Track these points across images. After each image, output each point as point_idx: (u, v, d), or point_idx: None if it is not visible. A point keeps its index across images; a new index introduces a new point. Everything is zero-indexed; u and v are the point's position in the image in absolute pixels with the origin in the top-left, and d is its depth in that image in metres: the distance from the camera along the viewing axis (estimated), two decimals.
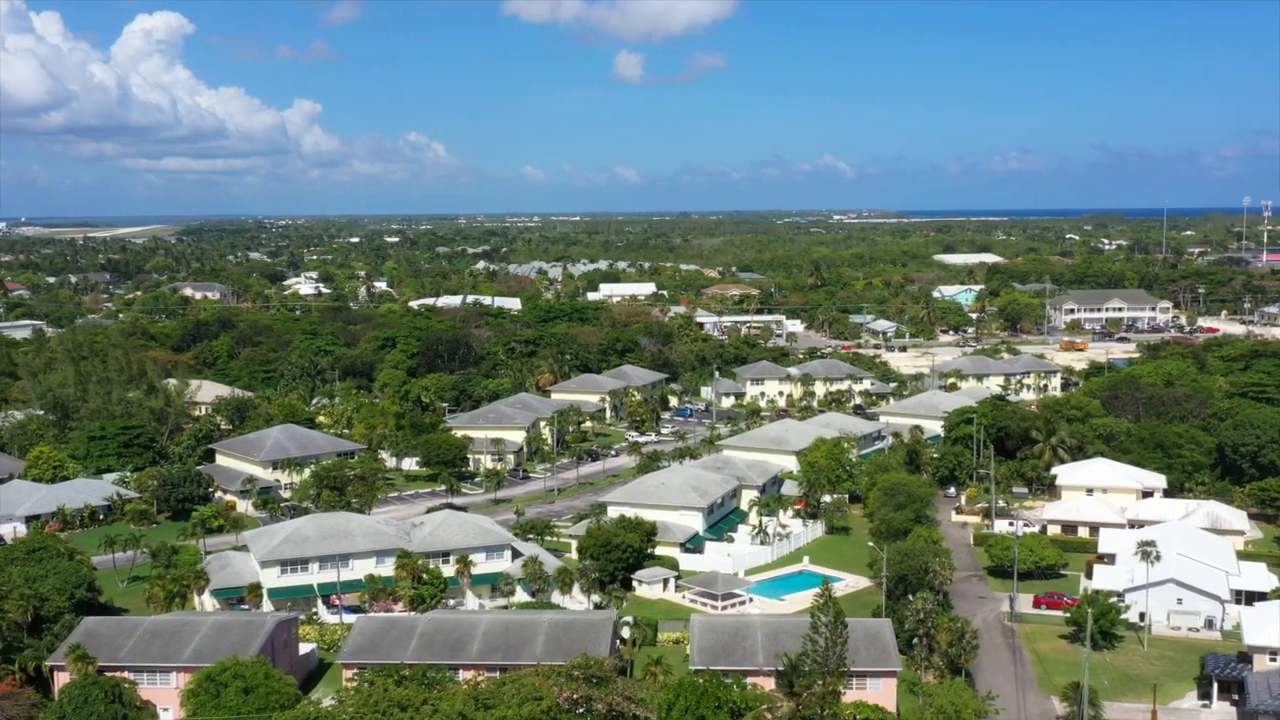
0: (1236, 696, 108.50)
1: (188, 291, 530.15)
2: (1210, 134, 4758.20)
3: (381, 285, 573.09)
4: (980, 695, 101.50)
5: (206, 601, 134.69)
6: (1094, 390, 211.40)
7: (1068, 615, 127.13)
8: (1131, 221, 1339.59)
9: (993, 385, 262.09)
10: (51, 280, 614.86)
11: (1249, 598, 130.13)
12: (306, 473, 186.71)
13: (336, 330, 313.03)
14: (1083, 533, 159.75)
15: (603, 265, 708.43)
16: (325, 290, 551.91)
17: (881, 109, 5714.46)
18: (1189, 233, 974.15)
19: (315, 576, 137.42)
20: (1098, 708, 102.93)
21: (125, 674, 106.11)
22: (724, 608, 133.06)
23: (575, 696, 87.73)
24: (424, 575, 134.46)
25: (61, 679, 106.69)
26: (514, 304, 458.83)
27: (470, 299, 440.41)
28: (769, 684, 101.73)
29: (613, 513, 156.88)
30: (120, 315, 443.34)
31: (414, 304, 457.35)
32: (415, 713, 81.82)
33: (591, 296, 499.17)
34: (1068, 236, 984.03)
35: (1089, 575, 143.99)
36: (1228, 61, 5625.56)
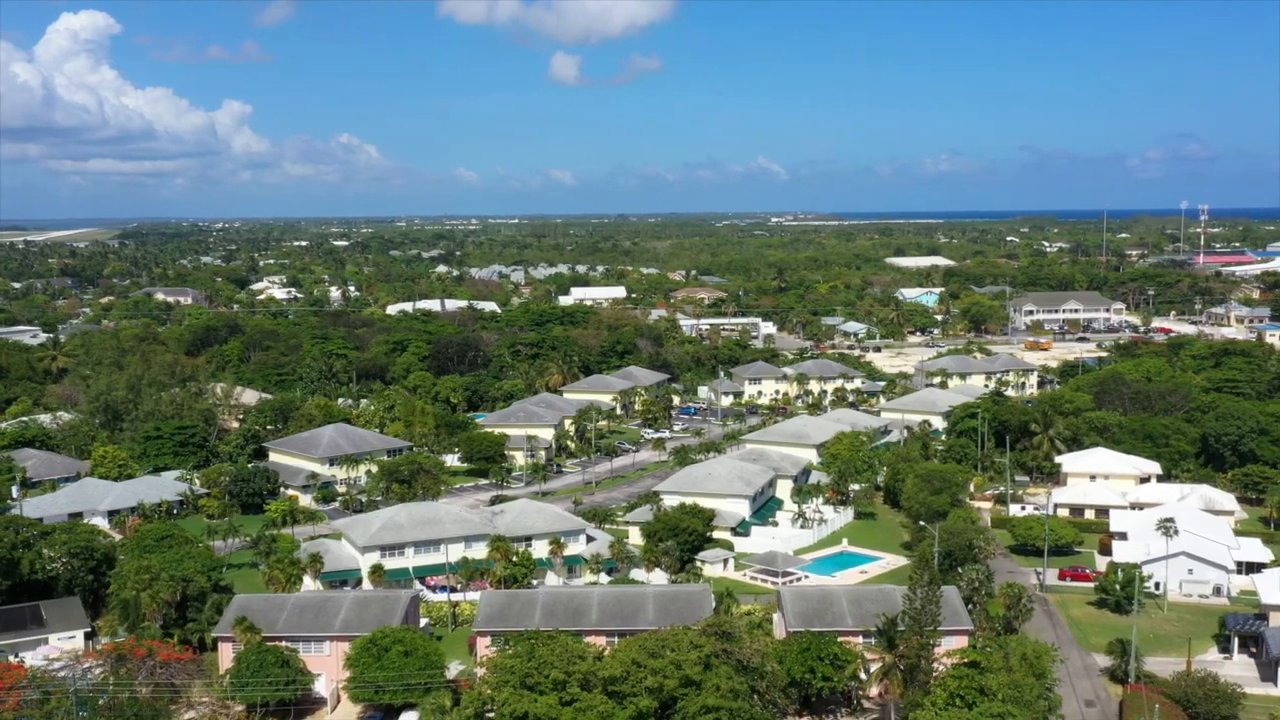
0: (1254, 649, 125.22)
1: (160, 296, 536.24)
2: (1136, 137, 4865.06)
3: (349, 289, 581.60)
4: None
5: (309, 585, 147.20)
6: (1082, 386, 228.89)
7: (1096, 584, 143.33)
8: (1065, 223, 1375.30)
9: (976, 383, 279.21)
10: (16, 285, 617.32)
11: (1249, 568, 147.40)
12: (361, 469, 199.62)
13: (345, 335, 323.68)
14: (1089, 514, 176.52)
15: (563, 269, 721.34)
16: (298, 295, 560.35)
17: (815, 112, 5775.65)
18: (1124, 235, 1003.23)
19: (411, 560, 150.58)
20: (1140, 660, 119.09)
21: (283, 643, 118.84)
22: (784, 583, 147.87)
23: (716, 650, 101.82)
24: (514, 557, 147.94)
25: (224, 649, 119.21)
26: (489, 308, 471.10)
27: (459, 304, 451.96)
28: (857, 642, 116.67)
29: (666, 501, 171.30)
30: (103, 321, 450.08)
31: (391, 309, 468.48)
32: (596, 661, 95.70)
33: (562, 300, 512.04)
34: (1008, 239, 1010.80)
35: (1102, 551, 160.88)
36: (1153, 66, 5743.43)
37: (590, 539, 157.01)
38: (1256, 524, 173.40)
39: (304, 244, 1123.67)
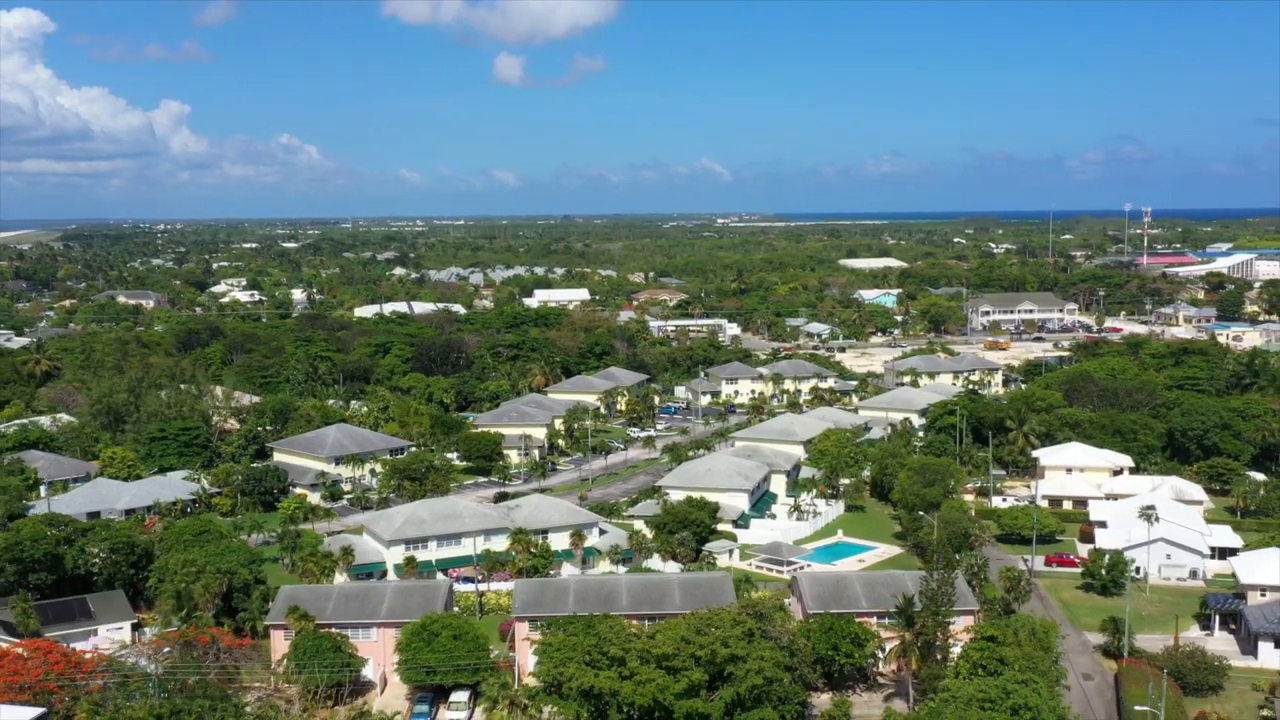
0: (1234, 626, 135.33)
1: (121, 299, 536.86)
2: (1075, 139, 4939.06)
3: (313, 292, 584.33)
4: None
5: (337, 577, 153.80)
6: (1052, 384, 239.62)
7: (1083, 569, 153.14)
8: (1008, 224, 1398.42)
9: (944, 381, 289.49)
10: None
11: (1222, 553, 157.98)
12: (365, 467, 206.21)
13: (327, 337, 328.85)
14: (1067, 505, 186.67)
15: (520, 271, 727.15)
16: (261, 298, 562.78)
17: (759, 113, 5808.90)
18: (1067, 236, 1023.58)
19: (434, 553, 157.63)
20: (1131, 636, 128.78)
21: (332, 630, 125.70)
22: (790, 571, 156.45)
23: (752, 629, 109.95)
24: (533, 549, 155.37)
25: (276, 636, 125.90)
26: (456, 310, 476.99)
27: (428, 307, 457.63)
28: (871, 623, 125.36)
29: (668, 495, 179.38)
30: (70, 325, 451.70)
31: (359, 311, 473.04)
32: (648, 640, 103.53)
33: (526, 302, 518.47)
34: (955, 240, 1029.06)
35: (1083, 539, 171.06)
36: (1092, 68, 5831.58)
37: (603, 531, 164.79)
38: (1223, 513, 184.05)
39: (253, 246, 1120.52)
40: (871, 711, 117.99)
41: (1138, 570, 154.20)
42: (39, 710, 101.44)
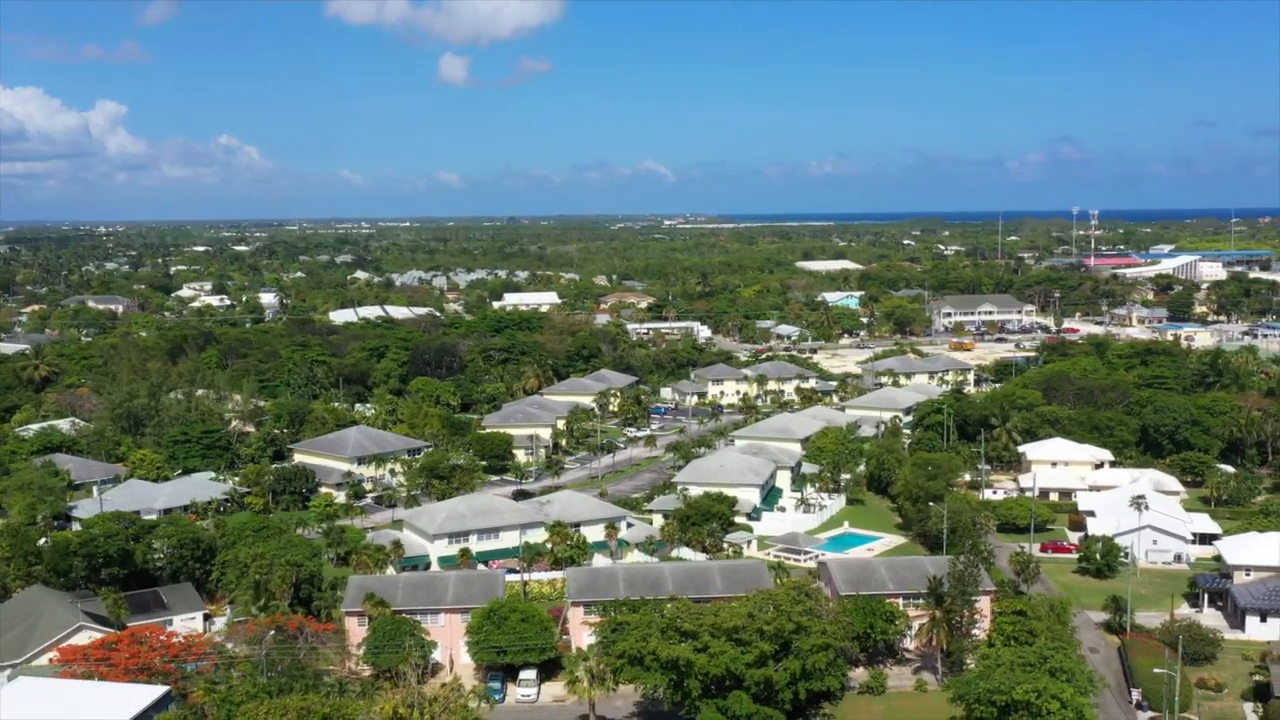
0: (1221, 603, 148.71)
1: (92, 304, 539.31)
2: (1017, 140, 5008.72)
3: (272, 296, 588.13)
4: None
5: (387, 570, 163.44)
6: (1030, 383, 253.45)
7: (1080, 554, 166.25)
8: (954, 225, 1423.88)
9: (920, 381, 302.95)
10: None
11: (1202, 539, 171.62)
12: (385, 467, 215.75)
13: (321, 342, 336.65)
14: (1053, 497, 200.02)
15: (481, 274, 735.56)
16: (231, 302, 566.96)
17: (703, 113, 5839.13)
18: (1014, 238, 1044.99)
19: (475, 546, 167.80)
20: (1131, 614, 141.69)
21: (403, 615, 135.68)
22: (805, 560, 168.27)
23: (810, 606, 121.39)
24: (570, 540, 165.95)
25: (350, 622, 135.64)
26: (442, 314, 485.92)
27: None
28: (897, 603, 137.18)
29: (683, 490, 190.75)
30: (46, 329, 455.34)
31: (334, 315, 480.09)
32: (714, 615, 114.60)
33: (496, 305, 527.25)
34: (905, 243, 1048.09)
35: (1072, 528, 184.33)
36: (1033, 68, 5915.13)
37: (630, 524, 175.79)
38: (1197, 503, 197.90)
39: (204, 249, 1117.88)
40: (902, 683, 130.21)
41: (1127, 555, 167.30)
42: (164, 689, 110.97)
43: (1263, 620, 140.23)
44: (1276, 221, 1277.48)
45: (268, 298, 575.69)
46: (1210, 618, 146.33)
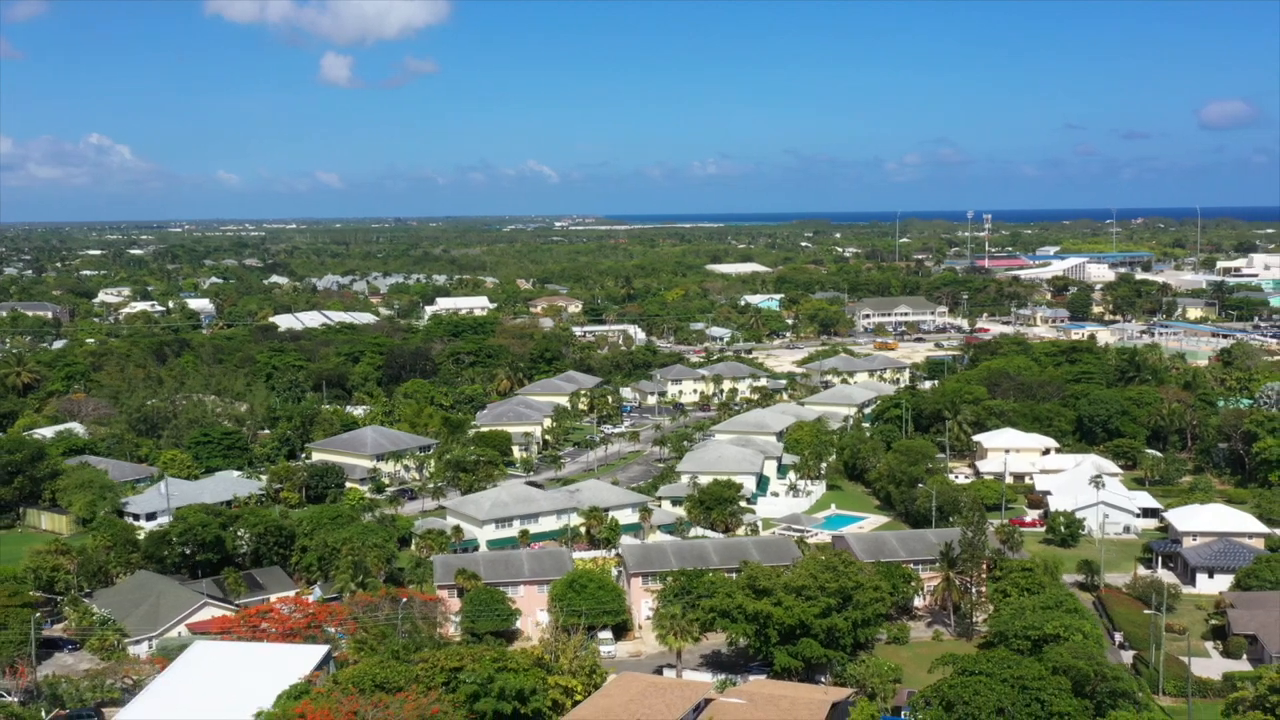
0: (1172, 564, 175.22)
1: (20, 310, 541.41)
2: (894, 142, 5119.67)
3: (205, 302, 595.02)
4: None
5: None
6: (973, 379, 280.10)
7: (1047, 527, 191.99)
8: (840, 226, 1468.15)
9: (862, 379, 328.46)
10: None
11: (1145, 512, 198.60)
12: (400, 463, 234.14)
13: (297, 348, 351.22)
14: (1009, 479, 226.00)
15: (399, 279, 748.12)
16: (160, 308, 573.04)
17: (586, 115, 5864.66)
18: (904, 240, 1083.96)
19: (517, 529, 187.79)
20: (1101, 576, 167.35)
21: (490, 586, 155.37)
22: (810, 537, 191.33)
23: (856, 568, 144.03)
24: (603, 523, 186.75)
25: (442, 594, 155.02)
26: (367, 319, 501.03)
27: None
28: (911, 568, 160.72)
29: (685, 478, 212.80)
30: None
31: (275, 320, 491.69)
32: (775, 577, 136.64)
33: (429, 310, 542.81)
34: (803, 245, 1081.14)
35: (1030, 506, 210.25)
36: (909, 69, 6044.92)
37: (649, 509, 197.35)
38: (1131, 483, 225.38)
39: (99, 253, 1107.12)
40: (921, 635, 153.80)
41: (1084, 528, 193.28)
42: (325, 647, 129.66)
43: (1210, 576, 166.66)
44: (1149, 222, 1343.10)
45: (199, 303, 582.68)
46: (1165, 576, 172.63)
